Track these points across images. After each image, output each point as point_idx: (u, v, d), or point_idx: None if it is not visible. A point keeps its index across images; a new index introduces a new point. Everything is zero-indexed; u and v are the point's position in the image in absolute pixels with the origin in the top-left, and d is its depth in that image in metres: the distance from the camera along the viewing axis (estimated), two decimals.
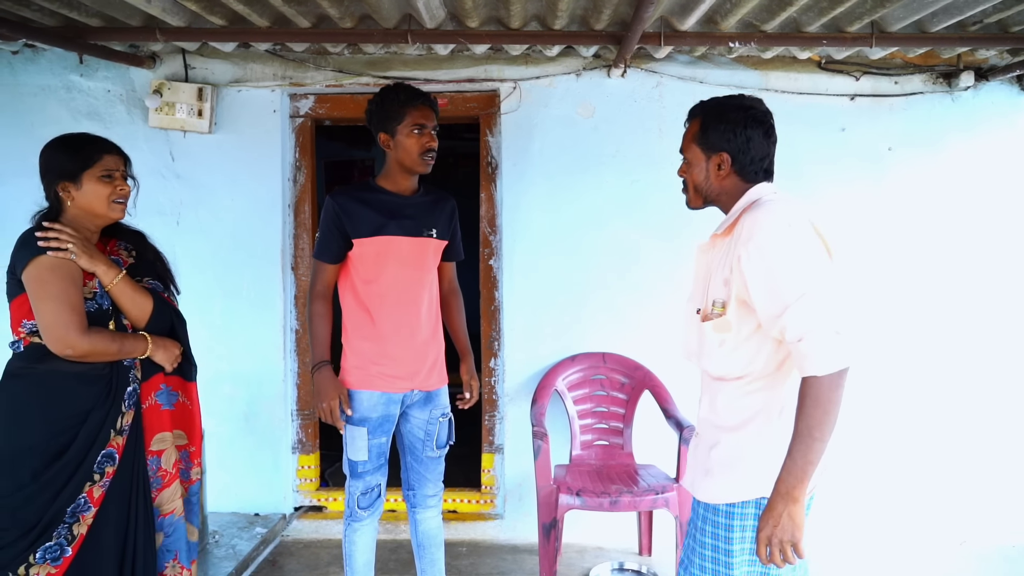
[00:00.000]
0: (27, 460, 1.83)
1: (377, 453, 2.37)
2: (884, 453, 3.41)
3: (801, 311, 1.44)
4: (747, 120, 1.62)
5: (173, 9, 2.69)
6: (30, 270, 1.81)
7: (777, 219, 1.52)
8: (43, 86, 3.39)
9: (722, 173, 1.67)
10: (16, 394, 1.87)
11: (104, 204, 1.92)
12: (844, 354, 1.43)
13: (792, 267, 1.47)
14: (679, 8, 2.76)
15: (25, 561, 1.80)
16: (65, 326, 1.80)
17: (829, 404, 1.44)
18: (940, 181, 3.39)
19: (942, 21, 2.77)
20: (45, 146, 1.93)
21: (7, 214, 3.42)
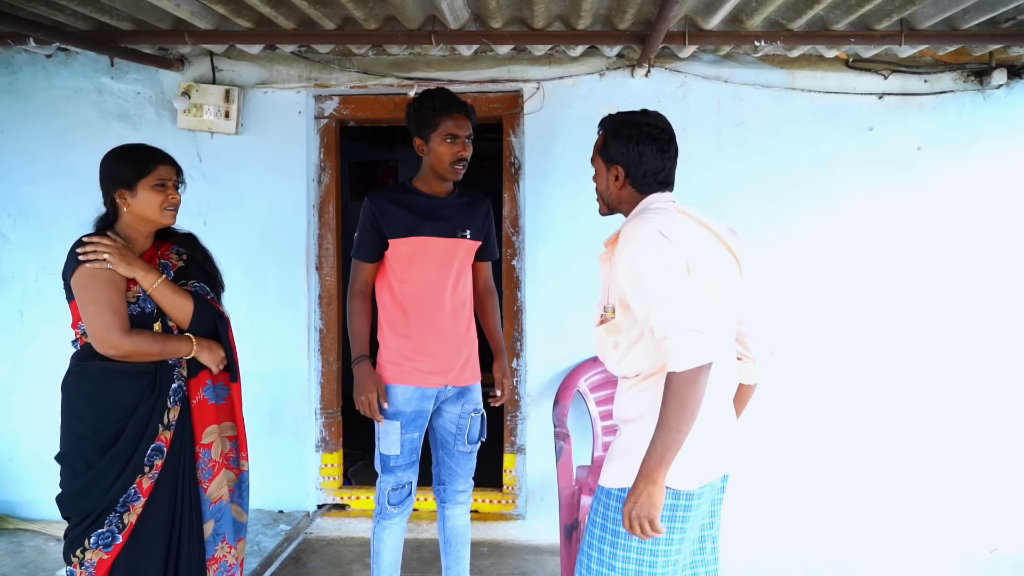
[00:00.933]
0: (82, 450, 1.99)
1: (410, 449, 2.42)
2: (915, 459, 3.35)
3: (664, 312, 1.56)
4: (640, 136, 1.76)
5: (201, 12, 2.73)
6: (75, 278, 1.95)
7: (645, 228, 1.64)
8: (75, 89, 3.46)
9: (619, 184, 1.80)
10: (73, 389, 2.02)
11: (156, 211, 2.07)
12: (701, 352, 1.53)
13: (655, 272, 1.59)
14: (704, 7, 2.74)
15: (81, 545, 1.97)
16: (107, 328, 1.92)
17: (686, 398, 1.53)
18: (972, 182, 3.33)
19: (974, 18, 2.72)
20: (105, 155, 2.10)
21: (40, 213, 3.50)
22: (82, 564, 1.97)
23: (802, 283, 3.36)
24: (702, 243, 1.69)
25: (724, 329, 1.75)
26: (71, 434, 2.02)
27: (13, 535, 3.40)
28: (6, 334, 3.53)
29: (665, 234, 1.62)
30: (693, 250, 1.65)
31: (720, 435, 1.74)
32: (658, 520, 1.56)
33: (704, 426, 1.64)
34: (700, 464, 1.68)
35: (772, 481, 3.38)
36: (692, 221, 1.72)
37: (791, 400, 3.37)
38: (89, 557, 1.97)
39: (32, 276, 3.52)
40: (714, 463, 1.72)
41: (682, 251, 1.62)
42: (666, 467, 1.56)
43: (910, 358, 3.34)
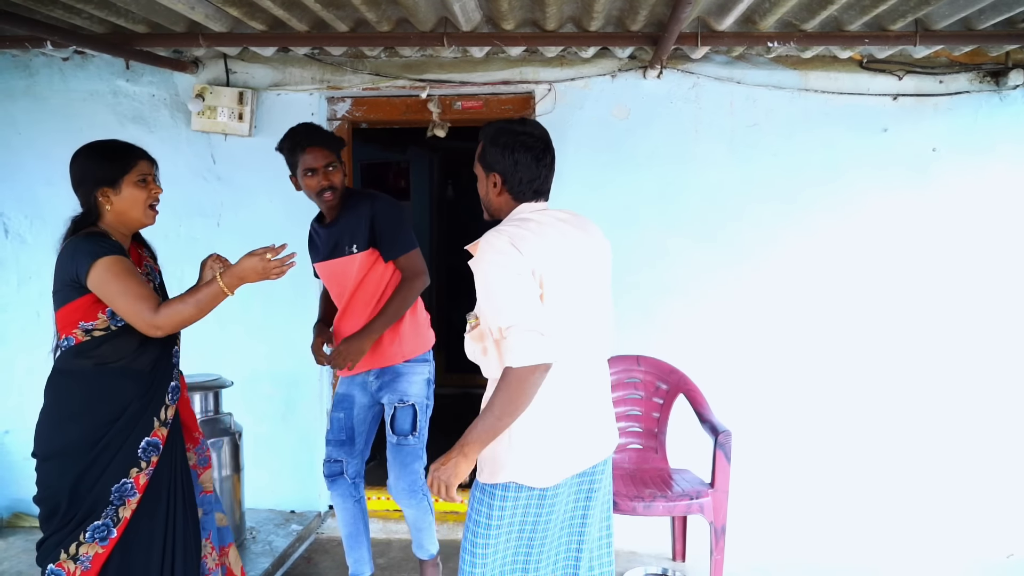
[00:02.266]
0: (77, 448, 1.95)
1: (337, 428, 2.70)
2: (930, 462, 3.32)
3: (507, 315, 1.65)
4: (515, 144, 1.80)
5: (216, 15, 2.75)
6: (93, 275, 1.92)
7: (499, 239, 1.72)
8: (91, 91, 3.50)
9: (496, 191, 1.85)
10: (67, 389, 1.98)
11: (141, 208, 2.03)
12: (537, 352, 1.62)
13: (502, 280, 1.68)
14: (716, 8, 2.73)
15: (76, 540, 1.93)
16: (140, 313, 1.92)
17: (516, 392, 1.63)
18: (988, 183, 3.30)
19: (990, 18, 2.69)
20: (78, 154, 2.03)
21: (57, 214, 3.50)
22: (76, 559, 1.93)
23: (816, 285, 3.34)
24: (561, 253, 1.77)
25: (584, 330, 1.82)
26: (62, 434, 1.96)
27: (29, 533, 3.43)
28: (23, 334, 3.57)
29: (516, 245, 1.70)
30: (546, 261, 1.72)
31: (579, 433, 1.82)
32: (454, 489, 1.68)
33: (559, 427, 1.76)
34: (555, 463, 1.77)
35: (784, 483, 3.36)
36: (557, 231, 1.79)
37: (804, 402, 3.35)
38: (84, 551, 1.93)
39: (49, 276, 3.51)
40: (574, 459, 1.81)
41: (531, 262, 1.69)
42: (480, 446, 1.68)
43: (924, 361, 3.32)
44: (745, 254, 3.35)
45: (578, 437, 1.82)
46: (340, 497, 2.73)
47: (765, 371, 3.36)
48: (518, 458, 1.74)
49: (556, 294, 1.74)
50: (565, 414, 1.77)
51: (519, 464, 1.74)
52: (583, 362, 1.82)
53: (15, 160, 3.54)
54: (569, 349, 1.77)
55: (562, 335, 1.73)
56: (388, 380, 2.65)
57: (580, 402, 1.82)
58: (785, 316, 3.35)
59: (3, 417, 3.60)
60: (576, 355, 1.80)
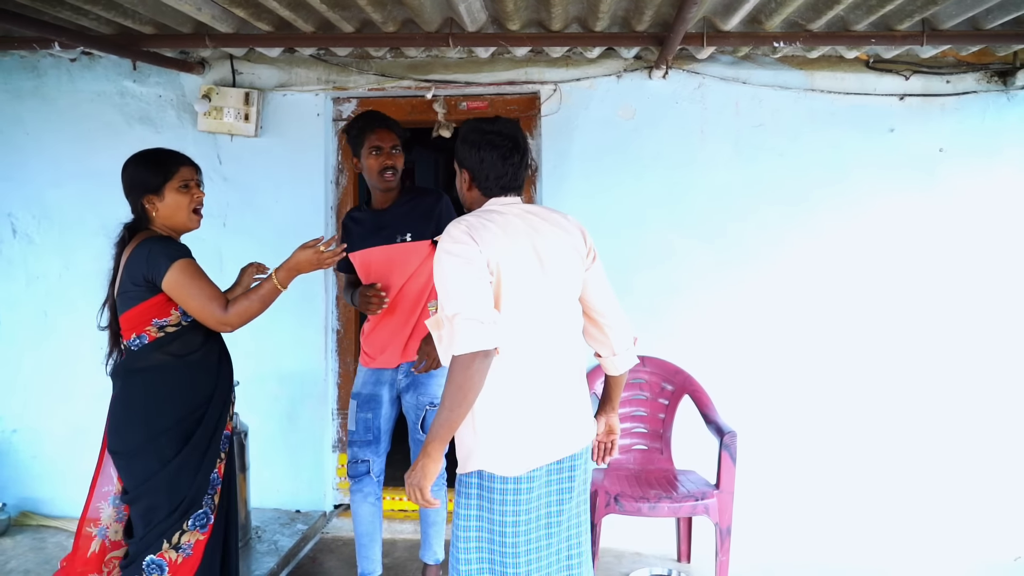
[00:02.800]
0: (166, 440, 2.07)
1: (364, 428, 2.72)
2: (937, 464, 3.31)
3: (454, 302, 1.69)
4: (482, 143, 1.86)
5: (222, 16, 2.76)
6: (169, 277, 2.03)
7: (457, 228, 1.78)
8: (99, 92, 3.52)
9: (467, 186, 1.92)
10: (149, 382, 2.08)
11: (185, 212, 2.15)
12: (477, 339, 1.65)
13: (454, 267, 1.72)
14: (722, 8, 2.72)
15: (179, 529, 2.07)
16: (213, 312, 2.06)
17: (461, 380, 1.66)
18: (996, 184, 3.28)
19: (997, 18, 2.68)
20: (127, 164, 2.16)
21: (64, 214, 3.56)
22: (178, 548, 2.05)
23: (822, 286, 3.33)
24: (523, 244, 1.81)
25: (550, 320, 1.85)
26: (148, 427, 2.06)
27: (36, 531, 3.45)
28: (30, 333, 3.59)
29: (472, 235, 1.75)
30: (503, 251, 1.77)
31: (548, 422, 1.84)
32: (428, 491, 1.72)
33: (525, 415, 1.79)
34: (524, 451, 1.79)
35: (790, 484, 3.35)
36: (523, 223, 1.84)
37: (809, 402, 3.34)
38: (187, 539, 2.07)
39: (56, 276, 3.58)
40: (542, 449, 1.82)
41: (486, 251, 1.74)
42: (441, 442, 1.70)
43: (931, 362, 3.30)
44: (751, 255, 3.34)
45: (547, 426, 1.84)
46: (363, 496, 2.76)
47: (771, 372, 3.35)
48: (485, 447, 1.79)
49: (514, 284, 1.78)
50: (530, 403, 1.81)
51: (486, 453, 1.79)
52: (549, 352, 1.85)
53: (23, 160, 3.56)
54: (531, 339, 1.80)
55: (522, 325, 1.78)
56: (419, 381, 2.70)
57: (547, 391, 1.84)
58: (791, 317, 3.34)
59: (11, 416, 3.62)
60: (540, 345, 1.83)
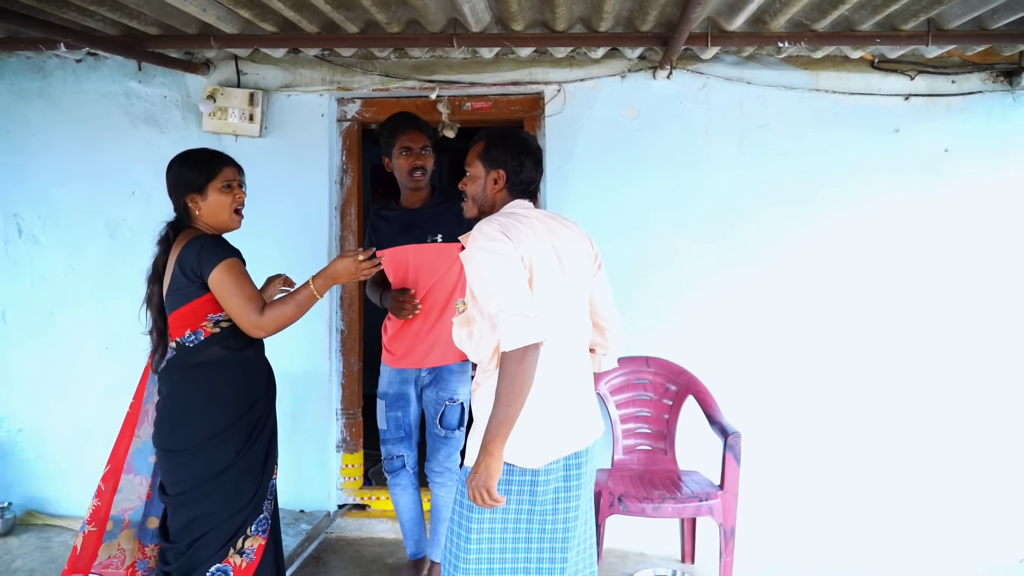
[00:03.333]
0: (229, 438, 2.09)
1: (395, 426, 2.81)
2: (941, 465, 3.30)
3: (498, 299, 1.74)
4: (523, 147, 1.97)
5: (227, 17, 2.77)
6: (215, 274, 2.05)
7: (490, 227, 1.83)
8: (104, 93, 3.53)
9: (497, 187, 1.98)
10: (209, 379, 2.11)
11: (227, 212, 2.18)
12: (527, 334, 1.70)
13: (494, 265, 1.77)
14: (727, 8, 2.72)
15: (244, 534, 2.11)
16: (248, 315, 2.07)
17: (515, 375, 1.71)
18: (1001, 184, 3.27)
19: (1003, 17, 2.67)
20: (172, 163, 2.19)
21: (70, 214, 3.57)
22: (242, 553, 2.09)
23: (826, 287, 3.32)
24: (546, 245, 1.88)
25: (568, 319, 1.91)
26: (211, 424, 2.08)
27: (42, 531, 3.47)
28: (35, 334, 3.60)
29: (506, 232, 1.81)
30: (533, 250, 1.83)
31: (566, 417, 1.90)
32: (495, 489, 1.74)
33: (547, 409, 1.84)
34: (544, 444, 1.84)
35: (794, 485, 3.34)
36: (544, 226, 1.91)
37: (814, 403, 3.33)
38: (249, 544, 2.11)
39: (61, 277, 3.59)
40: (560, 442, 1.88)
41: (519, 249, 1.80)
42: (501, 440, 1.73)
43: (936, 363, 3.29)
44: (755, 255, 3.34)
45: (564, 421, 1.90)
46: (402, 488, 2.87)
47: (775, 373, 3.34)
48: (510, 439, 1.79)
49: (543, 282, 1.84)
50: (551, 398, 1.85)
51: (511, 445, 1.80)
52: (567, 350, 1.92)
53: (29, 161, 3.57)
54: (555, 336, 1.85)
55: (550, 320, 1.82)
56: (440, 378, 2.78)
57: (565, 388, 1.91)
58: (795, 318, 3.34)
59: (16, 415, 3.63)
60: (561, 342, 1.89)
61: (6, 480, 3.61)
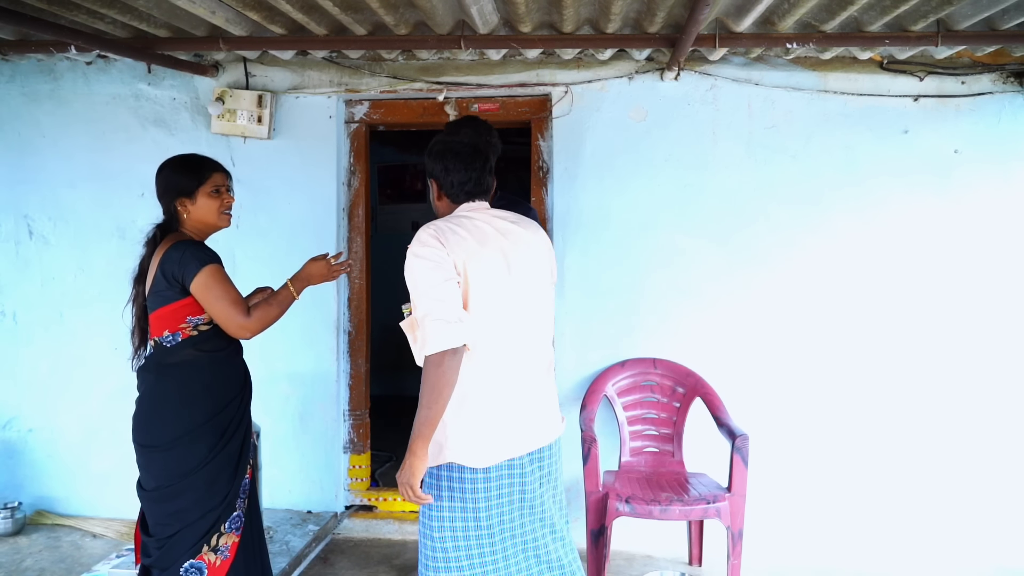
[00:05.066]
0: (201, 436, 2.13)
1: None
2: (949, 469, 3.27)
3: (423, 304, 1.78)
4: (445, 152, 1.97)
5: (236, 19, 2.78)
6: (198, 280, 2.10)
7: (425, 232, 1.86)
8: (114, 95, 3.55)
9: (437, 195, 2.03)
10: (183, 378, 2.14)
11: (215, 215, 2.23)
12: (445, 339, 1.74)
13: (423, 270, 1.81)
14: (735, 9, 2.71)
15: (217, 531, 2.13)
16: (234, 317, 2.12)
17: (434, 379, 1.76)
18: (1011, 185, 3.25)
19: (1014, 18, 2.66)
20: (162, 167, 2.24)
21: (79, 216, 3.59)
22: (216, 550, 2.12)
23: (835, 289, 3.31)
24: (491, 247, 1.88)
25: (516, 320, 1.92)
26: (183, 421, 2.12)
27: (51, 530, 3.49)
28: (46, 334, 3.63)
29: (439, 238, 1.84)
30: (469, 254, 1.84)
31: (513, 418, 1.91)
32: (417, 488, 1.79)
33: (491, 410, 1.87)
34: (489, 445, 1.87)
35: (802, 488, 3.32)
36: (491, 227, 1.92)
37: (822, 406, 3.32)
38: (224, 541, 2.15)
39: (71, 277, 3.61)
40: (507, 443, 1.89)
41: (453, 254, 1.82)
42: (423, 440, 1.78)
43: (945, 367, 3.27)
44: (763, 257, 3.33)
45: (514, 421, 1.91)
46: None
47: (783, 375, 3.33)
48: (455, 440, 1.86)
49: (481, 285, 1.85)
50: (497, 398, 1.89)
51: (456, 446, 1.86)
52: (516, 350, 1.92)
53: (39, 162, 3.60)
54: (498, 337, 1.88)
55: (489, 324, 1.86)
56: None
57: (514, 388, 1.92)
58: (803, 320, 3.32)
59: (26, 416, 3.66)
60: (507, 343, 1.90)
61: (16, 480, 3.63)
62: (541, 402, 2.00)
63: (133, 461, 2.20)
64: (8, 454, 3.64)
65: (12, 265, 3.64)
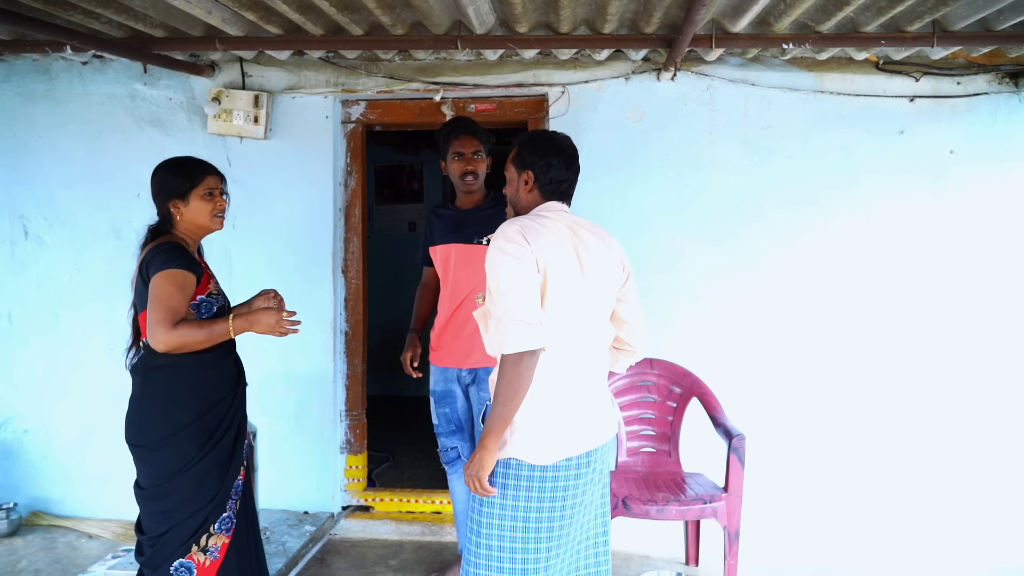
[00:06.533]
0: (187, 436, 2.13)
1: (445, 420, 2.90)
2: (949, 469, 3.28)
3: (504, 301, 1.80)
4: (551, 148, 2.01)
5: (232, 19, 2.78)
6: (153, 280, 2.10)
7: (511, 228, 1.87)
8: (110, 95, 3.54)
9: (527, 188, 2.02)
10: (171, 379, 2.15)
11: (207, 218, 2.25)
12: (525, 340, 1.76)
13: (506, 266, 1.82)
14: (731, 10, 2.72)
15: (207, 532, 2.14)
16: (158, 324, 2.05)
17: (511, 378, 1.78)
18: (1007, 185, 3.26)
19: (1009, 19, 2.66)
20: (156, 169, 2.25)
21: (75, 216, 3.58)
22: (206, 550, 2.13)
23: (831, 289, 3.32)
24: (568, 250, 1.91)
25: (584, 323, 1.94)
26: (168, 422, 2.12)
27: (47, 531, 3.48)
28: (41, 335, 3.62)
29: (525, 236, 1.85)
30: (551, 254, 1.86)
31: (577, 417, 1.93)
32: (486, 480, 1.83)
33: (558, 409, 1.89)
34: (554, 442, 1.88)
35: (799, 488, 3.33)
36: (569, 231, 1.94)
37: (818, 405, 3.32)
38: (214, 542, 2.15)
39: (67, 278, 3.60)
40: (570, 441, 1.91)
41: (536, 253, 1.84)
42: (496, 436, 1.82)
43: (942, 366, 3.28)
44: (760, 257, 3.33)
45: (575, 420, 1.93)
46: (459, 475, 2.92)
47: (779, 375, 3.33)
48: (520, 436, 1.87)
49: (558, 287, 1.87)
50: (562, 398, 1.90)
51: (520, 442, 1.87)
52: (582, 352, 1.95)
53: (35, 162, 3.59)
54: (567, 339, 1.90)
55: (560, 325, 1.87)
56: (479, 379, 2.82)
57: (577, 388, 1.94)
58: (800, 320, 3.33)
59: (22, 416, 3.65)
60: (575, 345, 1.92)
61: (11, 481, 3.62)
62: (599, 403, 2.02)
63: (129, 462, 2.20)
64: (4, 455, 3.63)
65: (7, 266, 3.62)
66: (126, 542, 3.30)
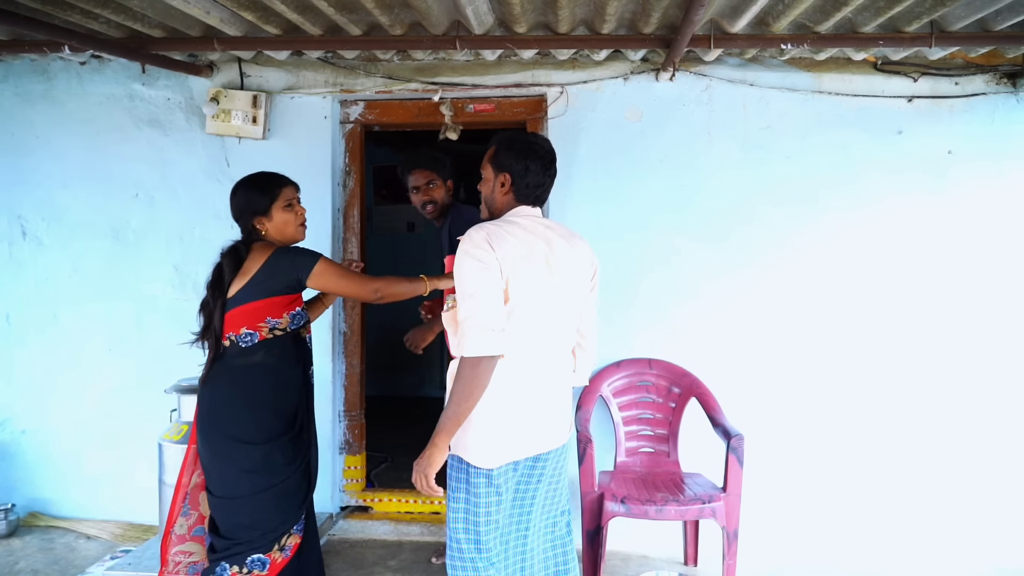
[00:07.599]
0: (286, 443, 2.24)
1: None
2: (949, 469, 3.28)
3: (468, 305, 1.81)
4: (529, 152, 2.00)
5: (231, 20, 2.78)
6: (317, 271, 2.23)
7: (478, 233, 1.89)
8: (108, 95, 3.54)
9: (503, 190, 2.02)
10: (256, 379, 2.22)
11: (292, 227, 2.34)
12: (485, 345, 1.78)
13: (471, 271, 1.84)
14: (730, 10, 2.72)
15: (287, 533, 2.25)
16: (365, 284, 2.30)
17: (468, 380, 1.80)
18: (1005, 185, 3.26)
19: (1007, 19, 2.67)
20: (235, 189, 2.34)
21: (73, 216, 3.58)
22: (283, 549, 2.23)
23: (830, 289, 3.32)
24: (536, 255, 1.92)
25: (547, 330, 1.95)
26: (257, 420, 2.20)
27: (45, 532, 3.47)
28: (40, 336, 3.61)
29: (491, 242, 1.86)
30: (516, 260, 1.87)
31: (526, 423, 1.95)
32: (432, 478, 1.83)
33: (507, 414, 1.90)
34: (498, 447, 1.91)
35: (797, 488, 3.33)
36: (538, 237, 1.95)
37: (817, 405, 3.32)
38: (290, 541, 2.26)
39: (65, 278, 3.60)
40: (515, 446, 1.93)
41: (500, 259, 1.85)
42: (447, 434, 1.83)
43: (941, 366, 3.28)
44: (758, 257, 3.34)
45: (525, 426, 1.95)
46: None
47: (778, 375, 3.34)
48: (468, 437, 1.91)
49: (521, 294, 1.89)
50: (515, 403, 1.92)
51: (466, 442, 1.91)
52: (540, 359, 1.96)
53: (33, 163, 3.59)
54: (527, 346, 1.91)
55: (521, 332, 1.89)
56: None
57: (532, 394, 1.96)
58: (798, 320, 3.33)
59: (20, 417, 3.64)
60: (534, 352, 1.94)
61: (9, 482, 3.61)
62: (555, 410, 2.03)
63: (127, 463, 2.21)
64: (1, 456, 3.62)
65: (5, 266, 3.62)
66: (124, 543, 3.30)
